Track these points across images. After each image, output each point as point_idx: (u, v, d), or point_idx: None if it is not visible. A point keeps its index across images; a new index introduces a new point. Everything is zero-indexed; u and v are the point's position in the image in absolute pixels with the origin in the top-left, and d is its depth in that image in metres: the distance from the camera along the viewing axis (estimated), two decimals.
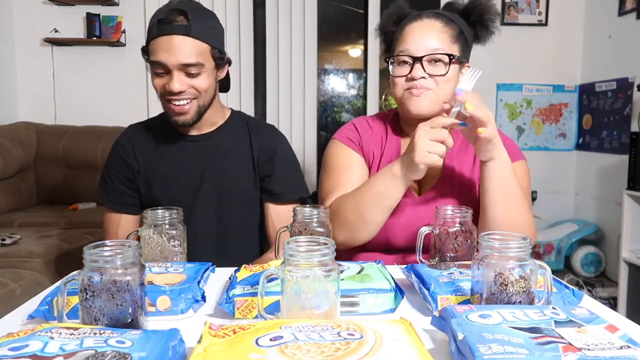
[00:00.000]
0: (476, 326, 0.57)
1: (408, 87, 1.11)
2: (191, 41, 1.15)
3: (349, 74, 3.55)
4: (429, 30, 1.11)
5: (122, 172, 1.31)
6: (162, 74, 1.18)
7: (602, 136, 3.15)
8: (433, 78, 1.10)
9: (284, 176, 1.32)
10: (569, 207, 3.44)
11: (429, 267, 0.89)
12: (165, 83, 1.17)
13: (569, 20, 3.32)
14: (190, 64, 1.15)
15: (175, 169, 1.29)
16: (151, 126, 1.35)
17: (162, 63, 1.15)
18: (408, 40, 1.11)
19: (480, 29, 1.17)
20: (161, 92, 1.20)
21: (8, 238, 2.11)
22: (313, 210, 0.91)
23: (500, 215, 1.02)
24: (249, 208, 1.33)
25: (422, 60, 1.09)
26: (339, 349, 0.51)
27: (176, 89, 1.15)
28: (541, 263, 0.69)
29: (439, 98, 1.10)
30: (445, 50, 1.09)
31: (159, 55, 1.15)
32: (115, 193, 1.32)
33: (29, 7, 3.14)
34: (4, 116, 3.02)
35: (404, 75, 1.11)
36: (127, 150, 1.31)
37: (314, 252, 0.63)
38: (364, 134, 1.23)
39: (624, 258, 2.57)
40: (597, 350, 0.52)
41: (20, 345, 0.52)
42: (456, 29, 1.13)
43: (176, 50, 1.13)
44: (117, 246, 0.64)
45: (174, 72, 1.15)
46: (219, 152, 1.30)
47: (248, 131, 1.33)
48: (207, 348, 0.52)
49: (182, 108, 1.19)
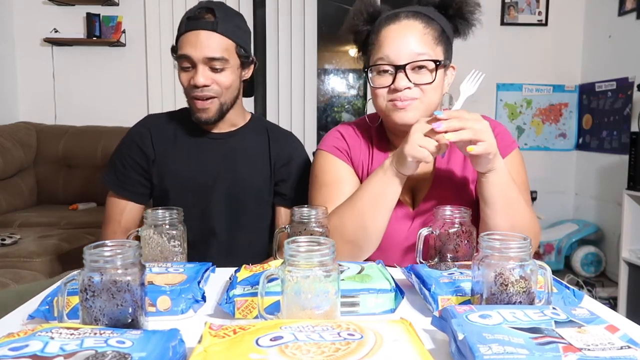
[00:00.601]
0: (476, 326, 0.57)
1: (392, 98, 1.02)
2: (217, 37, 1.18)
3: (349, 74, 3.55)
4: (409, 33, 1.01)
5: (137, 159, 1.30)
6: (188, 69, 1.20)
7: (602, 136, 3.15)
8: (419, 87, 1.01)
9: (299, 182, 1.33)
10: (569, 207, 3.45)
11: (429, 267, 0.89)
12: (191, 77, 1.20)
13: (569, 20, 3.32)
14: (215, 58, 1.18)
15: (191, 165, 1.29)
16: (172, 118, 1.35)
17: (188, 56, 1.18)
18: (387, 46, 1.02)
19: (460, 23, 1.08)
20: (187, 87, 1.22)
21: (8, 238, 2.11)
22: (312, 210, 0.91)
23: (502, 225, 0.98)
24: (260, 211, 1.34)
25: (405, 68, 1.00)
26: (339, 349, 0.51)
27: (200, 83, 1.18)
28: (541, 263, 0.69)
29: (426, 107, 1.03)
30: (430, 55, 1.01)
31: (185, 49, 1.18)
32: (127, 179, 1.30)
33: (29, 7, 3.14)
34: (4, 116, 3.02)
35: (386, 86, 1.02)
36: (145, 138, 1.30)
37: (314, 252, 0.63)
38: (352, 142, 1.16)
39: (624, 258, 2.57)
40: (597, 350, 0.52)
41: (20, 345, 0.52)
42: (438, 29, 1.04)
43: (202, 45, 1.17)
44: (118, 246, 0.64)
45: (199, 65, 1.18)
46: (236, 154, 1.31)
47: (267, 135, 1.35)
48: (207, 348, 0.52)
49: (204, 104, 1.21)
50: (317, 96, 3.25)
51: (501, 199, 0.97)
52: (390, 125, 1.10)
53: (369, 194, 1.00)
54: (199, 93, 1.20)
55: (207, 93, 1.20)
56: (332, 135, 1.19)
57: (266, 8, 3.16)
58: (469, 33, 1.10)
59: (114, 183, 1.31)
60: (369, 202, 1.00)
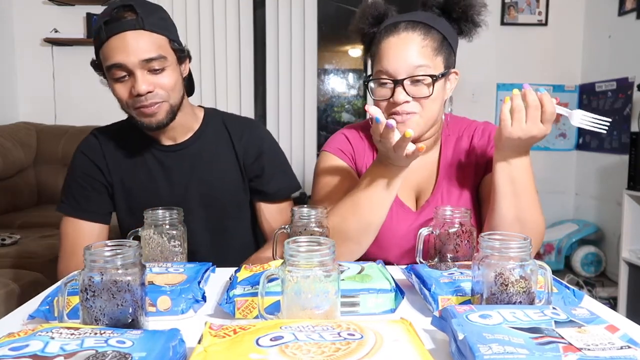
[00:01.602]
0: (476, 326, 0.57)
1: (392, 111, 1.03)
2: (147, 34, 1.05)
3: (349, 74, 3.55)
4: (407, 46, 1.01)
5: (95, 177, 1.19)
6: (122, 79, 1.06)
7: (602, 136, 3.15)
8: (417, 100, 1.02)
9: (274, 174, 1.27)
10: (569, 207, 3.45)
11: (429, 267, 0.89)
12: (130, 87, 1.06)
13: (569, 20, 3.32)
14: (153, 59, 1.05)
15: (155, 182, 1.21)
16: (120, 132, 1.23)
17: (121, 64, 1.03)
18: (386, 60, 1.02)
19: (465, 24, 1.08)
20: (127, 100, 1.08)
21: (8, 238, 2.11)
22: (312, 210, 0.91)
23: (509, 214, 0.98)
24: (240, 213, 1.29)
25: (403, 82, 1.01)
26: (339, 349, 0.51)
27: (143, 90, 1.04)
28: (541, 263, 0.69)
29: (425, 120, 1.04)
30: (429, 67, 1.01)
31: (115, 57, 1.03)
32: (86, 200, 1.18)
33: (29, 7, 3.14)
34: (4, 116, 3.02)
35: (386, 98, 1.03)
36: (98, 156, 1.20)
37: (314, 252, 0.63)
38: (356, 145, 1.18)
39: (624, 258, 2.57)
40: (597, 350, 0.52)
41: (20, 345, 0.52)
42: (437, 38, 1.04)
43: (133, 47, 1.03)
44: (118, 246, 0.64)
45: (136, 72, 1.04)
46: (200, 162, 1.22)
47: (228, 133, 1.25)
48: (208, 348, 0.52)
49: (153, 109, 1.08)
50: (317, 96, 3.25)
51: (512, 187, 0.98)
52: None
53: (367, 187, 0.99)
54: (144, 102, 1.07)
55: (153, 100, 1.07)
56: (338, 138, 1.19)
57: (266, 8, 3.16)
58: (474, 34, 1.10)
59: (73, 208, 1.18)
60: (368, 197, 0.98)
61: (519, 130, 0.92)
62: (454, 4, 1.06)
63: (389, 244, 1.09)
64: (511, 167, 0.97)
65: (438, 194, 1.12)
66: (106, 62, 1.06)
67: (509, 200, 0.98)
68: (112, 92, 1.09)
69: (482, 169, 1.13)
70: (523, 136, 0.92)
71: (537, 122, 0.91)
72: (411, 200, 1.15)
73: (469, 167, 1.14)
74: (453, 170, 1.14)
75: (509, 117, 0.92)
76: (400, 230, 1.10)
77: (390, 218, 1.06)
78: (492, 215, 1.01)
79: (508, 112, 0.92)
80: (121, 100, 1.10)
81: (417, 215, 1.12)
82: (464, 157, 1.15)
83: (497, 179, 0.99)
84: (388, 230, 1.08)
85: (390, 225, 1.08)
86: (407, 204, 1.13)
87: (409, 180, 1.14)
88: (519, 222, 0.98)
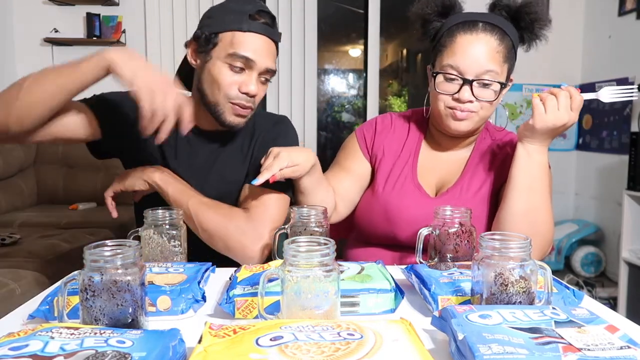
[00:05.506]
0: (476, 326, 0.57)
1: (452, 106, 1.07)
2: (274, 47, 1.10)
3: (349, 74, 3.55)
4: (483, 48, 1.04)
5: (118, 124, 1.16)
6: (238, 71, 1.06)
7: (602, 136, 3.15)
8: (480, 102, 1.06)
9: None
10: (569, 207, 3.45)
11: (429, 267, 0.89)
12: (240, 82, 1.07)
13: (569, 20, 3.32)
14: (272, 70, 1.09)
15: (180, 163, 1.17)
16: None
17: (251, 59, 1.05)
18: (459, 56, 1.04)
19: (529, 35, 1.11)
20: (230, 90, 1.07)
21: (8, 238, 2.11)
22: (312, 210, 0.91)
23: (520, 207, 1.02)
24: None
25: (472, 83, 1.04)
26: (339, 349, 0.51)
27: (253, 91, 1.07)
28: (541, 263, 0.70)
29: (480, 119, 1.09)
30: (498, 74, 1.05)
31: (249, 51, 1.05)
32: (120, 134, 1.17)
33: (29, 7, 3.14)
34: None
35: (450, 93, 1.06)
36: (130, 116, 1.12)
37: (314, 252, 0.63)
38: (381, 131, 1.23)
39: (624, 258, 2.57)
40: (597, 350, 0.52)
41: (20, 345, 0.52)
42: (509, 45, 1.07)
43: (266, 53, 1.07)
44: (118, 246, 0.64)
45: (253, 73, 1.07)
46: (223, 155, 1.19)
47: (253, 129, 1.22)
48: (207, 348, 0.52)
49: (246, 112, 1.10)
50: (317, 96, 3.25)
51: (529, 181, 1.02)
52: (442, 127, 1.13)
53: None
54: (244, 102, 1.08)
55: (251, 104, 1.10)
56: (369, 123, 1.27)
57: None
58: (533, 46, 1.13)
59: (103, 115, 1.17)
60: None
61: (554, 118, 0.97)
62: (525, 14, 1.08)
63: (399, 220, 1.12)
64: (531, 162, 1.03)
65: (458, 187, 1.15)
66: (237, 49, 1.05)
67: (523, 193, 1.02)
68: (214, 72, 1.06)
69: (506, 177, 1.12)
70: (557, 123, 0.98)
71: (569, 110, 0.98)
72: (431, 188, 1.18)
73: (494, 170, 1.17)
74: (479, 169, 1.17)
75: (542, 105, 0.98)
76: (412, 209, 1.12)
77: (406, 197, 1.14)
78: (502, 207, 1.05)
79: (540, 102, 0.98)
80: (222, 85, 1.07)
81: (433, 201, 1.15)
82: (493, 161, 1.18)
83: (515, 170, 1.04)
84: (401, 208, 1.12)
85: (405, 204, 1.13)
86: (426, 190, 1.16)
87: (435, 170, 1.19)
88: (528, 218, 1.01)
